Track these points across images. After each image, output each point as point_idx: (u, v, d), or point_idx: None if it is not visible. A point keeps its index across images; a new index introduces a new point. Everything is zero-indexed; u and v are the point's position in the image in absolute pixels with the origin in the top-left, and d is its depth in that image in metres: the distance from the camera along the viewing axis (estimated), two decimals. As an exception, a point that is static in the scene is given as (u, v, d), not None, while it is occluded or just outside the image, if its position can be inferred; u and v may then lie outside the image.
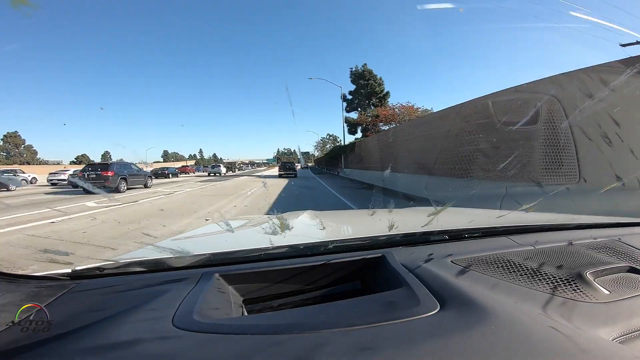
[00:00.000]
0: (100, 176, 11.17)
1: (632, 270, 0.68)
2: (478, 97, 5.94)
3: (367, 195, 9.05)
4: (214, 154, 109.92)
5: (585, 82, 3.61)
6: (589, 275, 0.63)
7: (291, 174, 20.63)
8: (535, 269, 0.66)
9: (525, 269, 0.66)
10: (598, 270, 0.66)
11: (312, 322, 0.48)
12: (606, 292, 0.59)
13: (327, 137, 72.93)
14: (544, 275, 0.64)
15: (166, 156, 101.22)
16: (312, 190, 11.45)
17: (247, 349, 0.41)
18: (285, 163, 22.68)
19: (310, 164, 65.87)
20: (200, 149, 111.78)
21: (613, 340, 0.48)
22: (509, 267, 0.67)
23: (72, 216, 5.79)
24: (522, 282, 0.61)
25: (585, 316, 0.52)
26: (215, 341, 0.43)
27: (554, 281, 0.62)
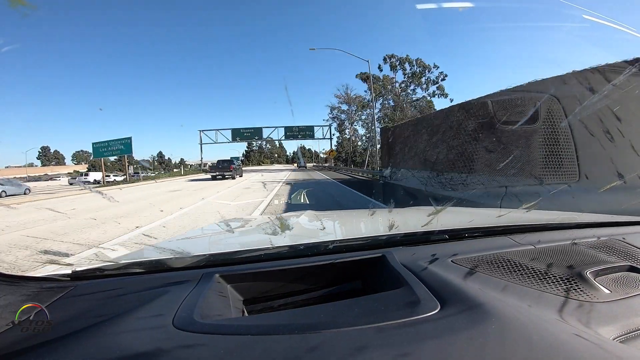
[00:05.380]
0: None
1: (633, 269, 0.68)
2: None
3: None
4: (160, 152, 65.52)
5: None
6: (589, 275, 0.63)
7: (226, 175, 17.01)
8: (535, 268, 0.66)
9: (525, 268, 0.66)
10: (599, 269, 0.66)
11: (312, 322, 0.48)
12: (607, 291, 0.59)
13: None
14: (544, 274, 0.64)
15: (44, 156, 62.56)
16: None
17: (247, 350, 0.41)
18: (221, 161, 18.39)
19: (309, 165, 39.82)
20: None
21: (614, 339, 0.48)
22: (510, 266, 0.67)
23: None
24: (523, 282, 0.61)
25: (586, 315, 0.52)
26: (216, 342, 0.43)
27: (554, 280, 0.62)
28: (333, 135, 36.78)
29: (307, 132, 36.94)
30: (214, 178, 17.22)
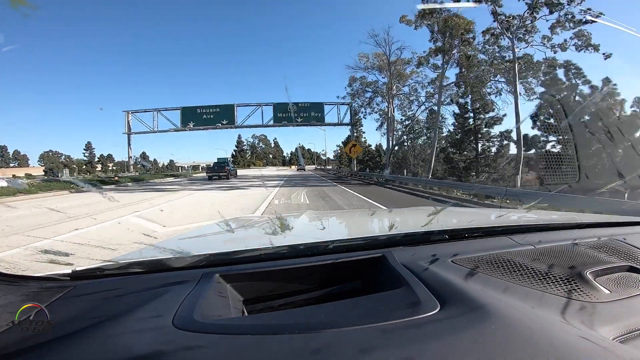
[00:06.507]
0: None
1: (633, 269, 0.68)
2: None
3: None
4: (143, 152, 49.77)
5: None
6: (589, 275, 0.63)
7: (221, 175, 19.71)
8: (535, 268, 0.66)
9: (525, 268, 0.66)
10: (598, 269, 0.66)
11: (312, 322, 0.48)
12: (606, 291, 0.59)
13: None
14: (544, 274, 0.64)
15: (1, 157, 55.43)
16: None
17: (247, 349, 0.41)
18: (218, 163, 21.45)
19: (309, 168, 30.49)
20: (90, 147, 55.90)
21: (613, 339, 0.48)
22: (510, 266, 0.67)
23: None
24: (524, 282, 0.61)
25: (585, 315, 0.52)
26: (216, 341, 0.43)
27: (553, 280, 0.62)
28: (356, 120, 21.90)
29: (312, 112, 21.86)
30: (210, 178, 19.88)
